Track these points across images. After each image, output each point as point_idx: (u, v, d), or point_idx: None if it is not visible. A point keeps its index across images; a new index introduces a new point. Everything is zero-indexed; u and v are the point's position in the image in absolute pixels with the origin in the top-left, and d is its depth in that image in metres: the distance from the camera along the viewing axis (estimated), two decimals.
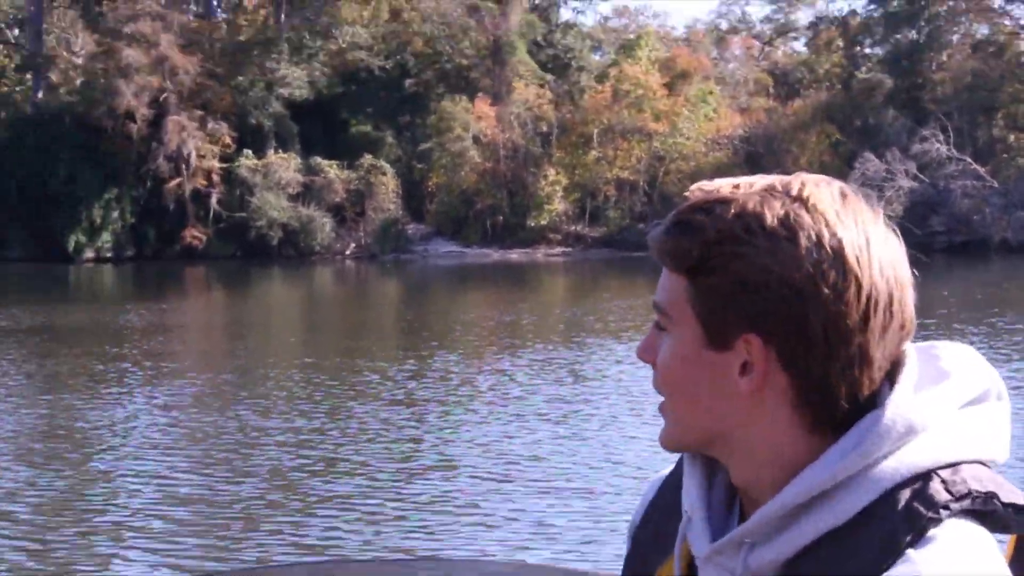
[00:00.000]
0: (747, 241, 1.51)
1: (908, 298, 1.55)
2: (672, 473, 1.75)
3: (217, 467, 13.31)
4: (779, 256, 1.51)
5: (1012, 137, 70.21)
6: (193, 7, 77.87)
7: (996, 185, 62.05)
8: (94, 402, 17.79)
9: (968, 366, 1.58)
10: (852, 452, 1.51)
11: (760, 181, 1.56)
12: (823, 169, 56.60)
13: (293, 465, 13.28)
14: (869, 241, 1.52)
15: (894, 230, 1.58)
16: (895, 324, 1.53)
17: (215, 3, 77.88)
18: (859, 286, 1.50)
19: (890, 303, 1.53)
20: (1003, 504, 1.50)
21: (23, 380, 20.69)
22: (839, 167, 62.45)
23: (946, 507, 1.48)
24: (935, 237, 59.16)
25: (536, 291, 44.20)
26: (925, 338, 1.67)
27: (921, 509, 1.48)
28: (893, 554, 1.47)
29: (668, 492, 1.73)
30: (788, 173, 1.60)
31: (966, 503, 1.48)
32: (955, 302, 31.31)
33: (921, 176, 61.20)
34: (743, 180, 1.57)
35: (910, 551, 1.46)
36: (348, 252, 68.95)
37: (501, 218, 69.11)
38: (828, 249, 1.50)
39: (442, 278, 54.30)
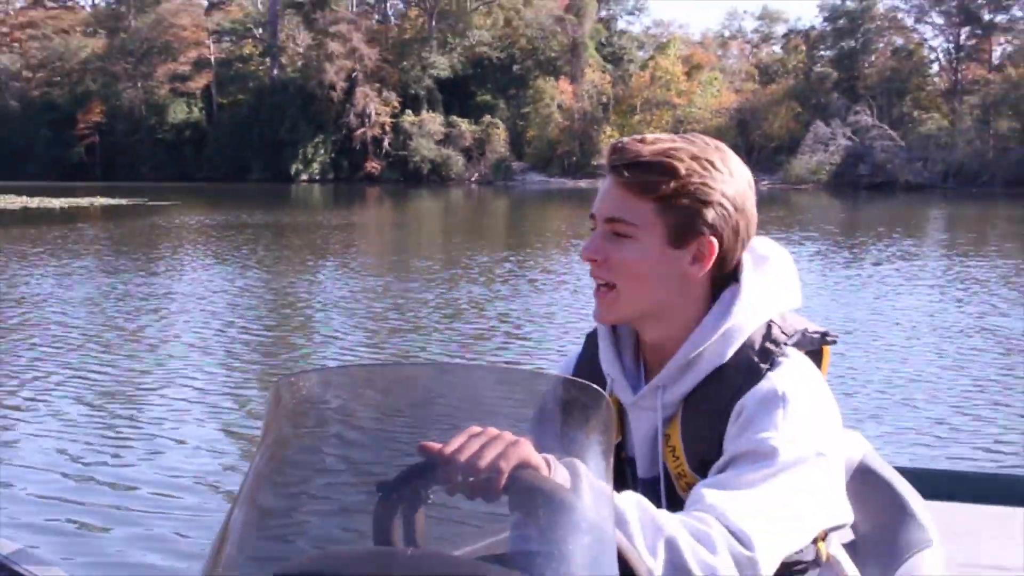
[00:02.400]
0: (706, 175, 1.73)
1: None
2: (581, 356, 1.93)
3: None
4: (726, 183, 1.75)
5: (915, 113, 73.57)
6: (376, 16, 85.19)
7: (903, 144, 65.72)
8: (294, 274, 18.48)
9: (772, 250, 1.85)
10: (725, 315, 1.76)
11: (677, 137, 1.79)
12: (789, 132, 70.38)
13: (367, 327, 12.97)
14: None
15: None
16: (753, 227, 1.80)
17: (390, 12, 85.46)
18: (753, 202, 1.80)
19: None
20: (808, 333, 1.79)
21: (250, 257, 21.34)
22: (799, 130, 68.97)
23: (786, 343, 1.76)
24: (861, 178, 63.79)
25: None
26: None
27: (771, 347, 1.75)
28: (756, 377, 1.73)
29: (583, 369, 1.89)
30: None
31: (795, 338, 1.77)
32: (872, 223, 32.50)
33: (853, 137, 65.31)
34: (664, 135, 1.78)
35: (769, 373, 1.73)
36: (473, 179, 73.01)
37: (575, 159, 73.10)
38: (746, 179, 1.79)
39: (535, 198, 55.86)
